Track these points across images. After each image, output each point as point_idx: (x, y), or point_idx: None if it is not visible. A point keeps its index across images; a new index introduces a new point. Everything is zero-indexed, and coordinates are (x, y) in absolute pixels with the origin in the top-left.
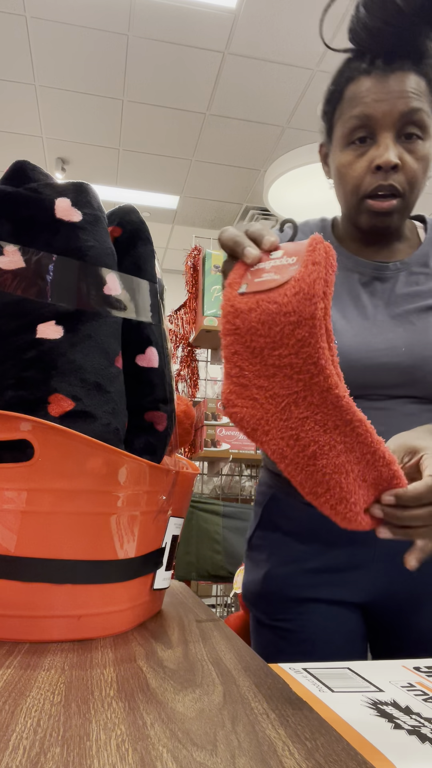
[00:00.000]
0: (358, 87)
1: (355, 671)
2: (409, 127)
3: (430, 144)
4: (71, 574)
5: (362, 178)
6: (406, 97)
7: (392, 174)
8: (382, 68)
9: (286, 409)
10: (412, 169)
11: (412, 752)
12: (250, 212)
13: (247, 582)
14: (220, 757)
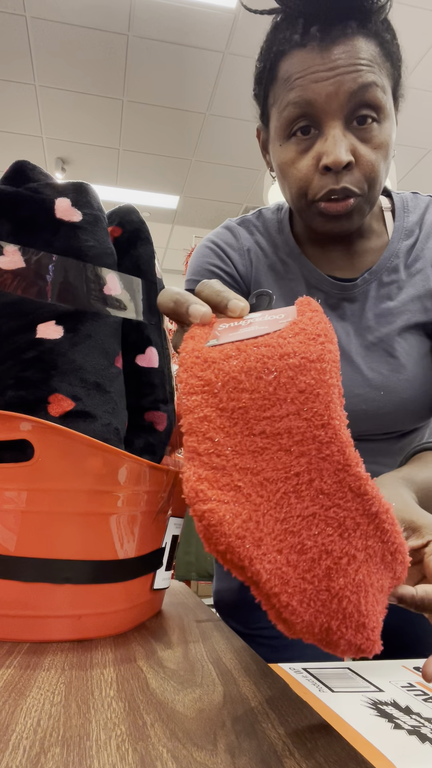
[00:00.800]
0: (291, 64)
1: (355, 671)
2: (361, 110)
3: (389, 125)
4: (71, 574)
5: (309, 180)
6: (353, 71)
7: (345, 174)
8: (319, 37)
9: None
10: (368, 162)
11: (412, 752)
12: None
13: (219, 590)
14: (220, 757)
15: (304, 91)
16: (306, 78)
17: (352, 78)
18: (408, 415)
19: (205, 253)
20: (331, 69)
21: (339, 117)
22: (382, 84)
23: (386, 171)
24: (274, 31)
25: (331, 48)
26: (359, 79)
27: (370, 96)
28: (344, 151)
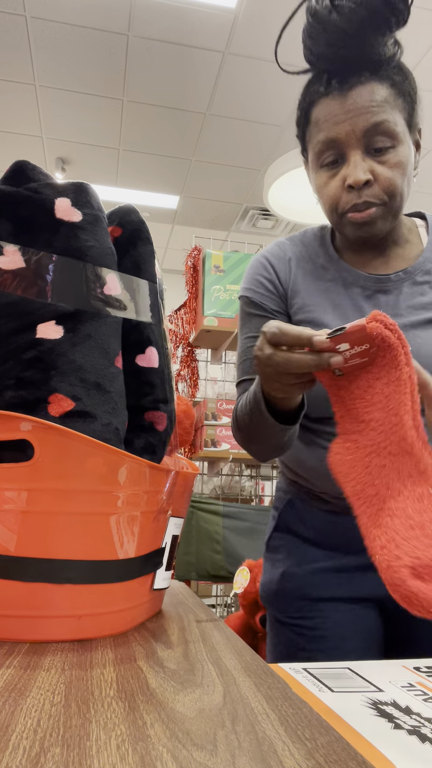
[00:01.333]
0: (320, 110)
1: (355, 671)
2: (376, 141)
3: (404, 148)
4: (71, 574)
5: (338, 197)
6: (366, 112)
7: (365, 189)
8: (339, 87)
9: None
10: (386, 179)
11: (412, 752)
12: (250, 212)
13: (264, 582)
14: (220, 757)
15: (329, 132)
16: (329, 121)
17: (365, 118)
18: None
19: (257, 267)
20: (348, 111)
21: (358, 147)
22: (393, 119)
23: (407, 186)
24: (308, 85)
25: (348, 94)
26: (371, 118)
27: (383, 129)
28: (362, 172)
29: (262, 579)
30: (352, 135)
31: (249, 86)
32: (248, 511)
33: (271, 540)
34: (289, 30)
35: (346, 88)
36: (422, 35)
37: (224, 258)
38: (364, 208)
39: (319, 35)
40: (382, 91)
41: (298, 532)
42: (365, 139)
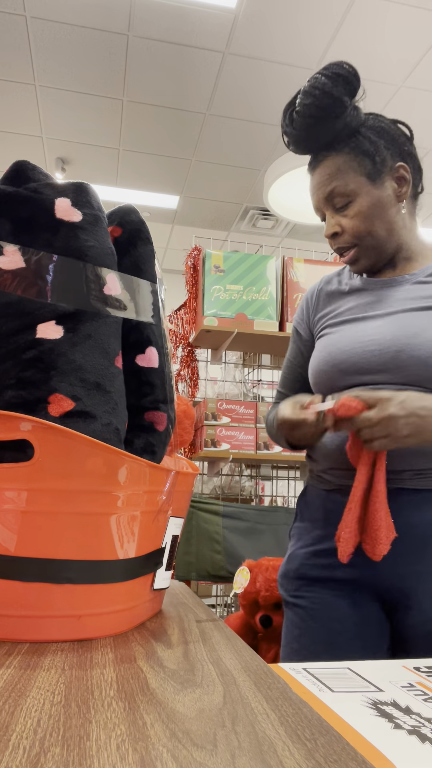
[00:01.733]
0: (309, 186)
1: (355, 671)
2: (335, 202)
3: (363, 197)
4: (71, 574)
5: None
6: (324, 184)
7: (338, 238)
8: (313, 165)
9: None
10: (350, 227)
11: (412, 752)
12: (250, 212)
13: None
14: (220, 757)
15: (312, 203)
16: (311, 194)
17: (323, 190)
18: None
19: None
20: (314, 186)
21: (328, 208)
22: (345, 181)
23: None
24: None
25: (314, 173)
26: (326, 188)
27: (338, 192)
28: (329, 228)
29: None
30: (321, 202)
31: (249, 86)
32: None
33: (291, 530)
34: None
35: (313, 169)
36: (422, 35)
37: (224, 258)
38: (343, 252)
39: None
40: (338, 161)
41: (305, 515)
42: (329, 203)
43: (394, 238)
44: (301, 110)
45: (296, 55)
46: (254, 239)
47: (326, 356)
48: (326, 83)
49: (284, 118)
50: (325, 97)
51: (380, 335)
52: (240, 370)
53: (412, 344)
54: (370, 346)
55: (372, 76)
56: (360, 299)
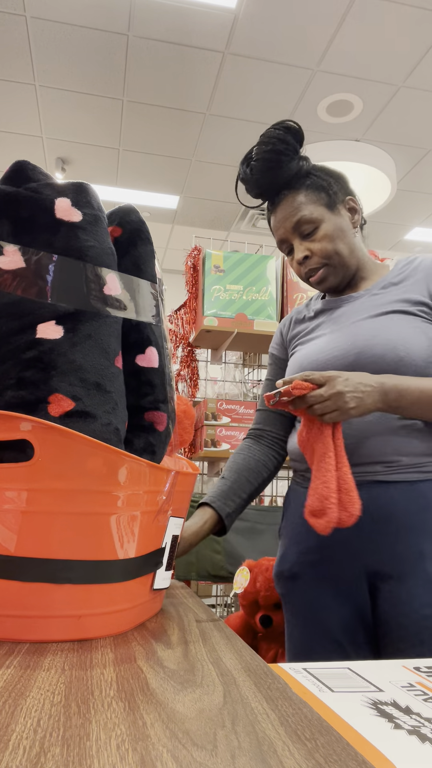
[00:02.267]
0: (271, 223)
1: (355, 671)
2: (303, 229)
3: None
4: (71, 574)
5: (299, 271)
6: (289, 217)
7: (307, 261)
8: (272, 207)
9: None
10: (318, 249)
11: (412, 752)
12: (251, 212)
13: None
14: (220, 757)
15: (277, 235)
16: (275, 229)
17: (289, 221)
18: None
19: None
20: (279, 220)
21: (295, 238)
22: (309, 211)
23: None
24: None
25: (277, 210)
26: (293, 218)
27: (303, 221)
28: (300, 252)
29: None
30: (288, 232)
31: (249, 86)
32: (248, 511)
33: (280, 529)
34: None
35: (275, 206)
36: (422, 35)
37: (224, 258)
38: (313, 273)
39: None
40: (298, 197)
41: (292, 513)
42: (296, 231)
43: (355, 257)
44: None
45: (296, 55)
46: (254, 239)
47: (297, 367)
48: (279, 133)
49: (242, 170)
50: (279, 143)
51: (342, 342)
52: (240, 370)
53: (370, 344)
54: (334, 352)
55: (372, 76)
56: (323, 317)
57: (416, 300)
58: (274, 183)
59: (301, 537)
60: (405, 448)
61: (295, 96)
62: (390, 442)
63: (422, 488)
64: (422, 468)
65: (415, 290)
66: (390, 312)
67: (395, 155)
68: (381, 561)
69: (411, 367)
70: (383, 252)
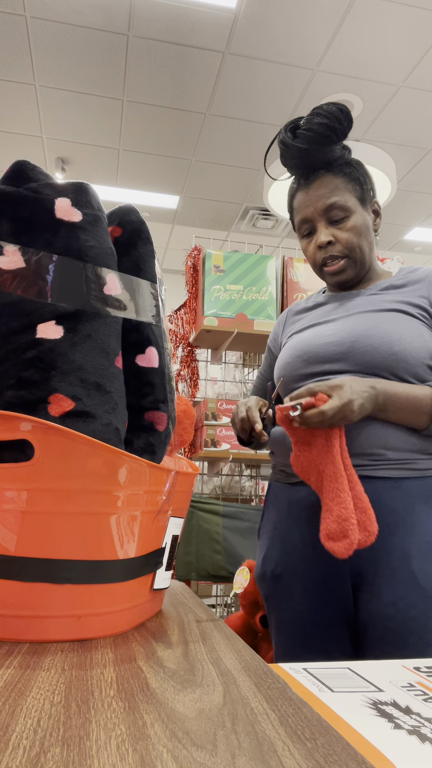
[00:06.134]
0: (296, 200)
1: (355, 671)
2: (332, 214)
3: (357, 216)
4: (71, 574)
5: (315, 255)
6: (322, 198)
7: (330, 248)
8: (305, 183)
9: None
10: (344, 238)
11: (412, 752)
12: (250, 212)
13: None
14: (220, 757)
15: (302, 213)
16: (301, 206)
17: (322, 202)
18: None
19: (273, 329)
20: (311, 198)
21: (322, 220)
22: (344, 198)
23: (366, 243)
24: (290, 185)
25: (310, 187)
26: (326, 200)
27: (336, 206)
28: (324, 236)
29: None
30: (316, 213)
31: (249, 86)
32: (248, 511)
33: (260, 529)
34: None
35: (309, 183)
36: (422, 35)
37: (224, 258)
38: (332, 261)
39: (288, 155)
40: (335, 181)
41: (273, 511)
42: (325, 215)
43: (369, 258)
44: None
45: (296, 55)
46: (254, 239)
47: (291, 350)
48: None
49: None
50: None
51: (339, 330)
52: (240, 370)
53: (366, 335)
54: (330, 339)
55: (372, 76)
56: (322, 309)
57: (416, 304)
58: (317, 158)
59: (284, 536)
60: (390, 441)
61: (295, 96)
62: (375, 435)
63: (408, 486)
64: (408, 465)
65: (416, 295)
66: (390, 310)
67: (395, 155)
68: (365, 561)
69: (402, 363)
70: (383, 252)
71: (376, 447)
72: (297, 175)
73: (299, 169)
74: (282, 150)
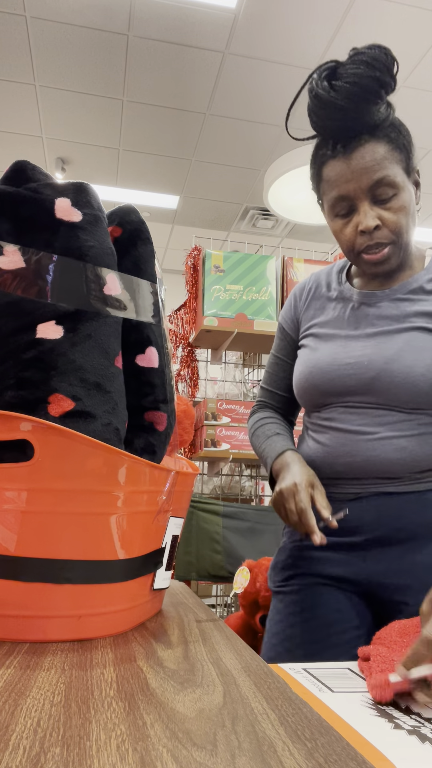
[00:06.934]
0: (329, 170)
1: (355, 672)
2: (380, 193)
3: (405, 193)
4: (71, 574)
5: (353, 240)
6: (369, 171)
7: (376, 233)
8: (343, 151)
9: None
10: (392, 222)
11: (412, 752)
12: (250, 212)
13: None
14: (220, 757)
15: (339, 189)
16: (339, 180)
17: (368, 176)
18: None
19: (289, 297)
20: (354, 171)
21: (365, 199)
22: (393, 172)
23: (412, 223)
24: (317, 147)
25: (352, 156)
26: (374, 175)
27: (385, 182)
28: (371, 219)
29: None
30: (359, 190)
31: (249, 86)
32: (248, 511)
33: (284, 527)
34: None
35: (349, 151)
36: (422, 35)
37: (224, 258)
38: (377, 249)
39: (322, 112)
40: (381, 149)
41: None
42: (370, 193)
43: (411, 243)
44: (357, 81)
45: (296, 55)
46: (254, 239)
47: (307, 376)
48: (385, 59)
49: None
50: (385, 72)
51: (357, 359)
52: (240, 370)
53: (388, 370)
54: (348, 371)
55: None
56: (342, 308)
57: None
58: (360, 120)
59: None
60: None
61: None
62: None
63: None
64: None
65: None
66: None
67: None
68: (388, 572)
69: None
70: None
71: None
72: (331, 139)
73: (336, 132)
74: (314, 106)
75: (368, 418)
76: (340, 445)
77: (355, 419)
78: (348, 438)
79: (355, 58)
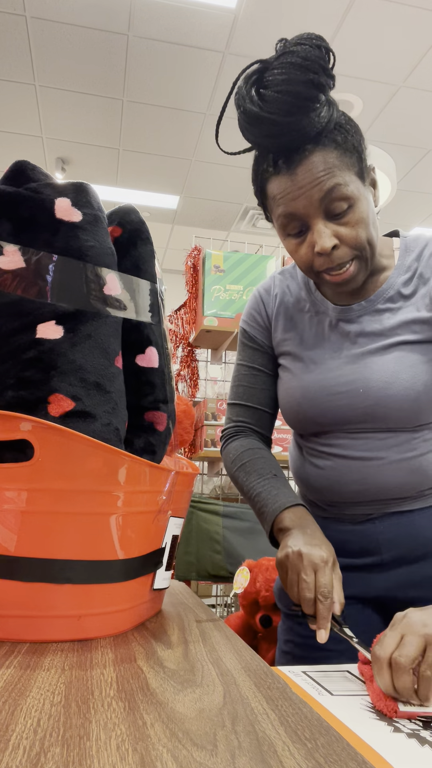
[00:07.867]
0: (273, 187)
1: (355, 675)
2: (334, 207)
3: (362, 202)
4: (71, 574)
5: (311, 260)
6: (318, 183)
7: (335, 252)
8: (286, 167)
9: None
10: (352, 238)
11: (412, 755)
12: (250, 212)
13: (276, 581)
14: (220, 757)
15: (286, 207)
16: (284, 198)
17: (318, 189)
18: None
19: (252, 301)
20: (300, 187)
21: (318, 216)
22: (344, 180)
23: (375, 231)
24: (256, 162)
25: (296, 171)
26: (324, 187)
27: (336, 195)
28: (327, 239)
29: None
30: (310, 207)
31: None
32: (248, 511)
33: None
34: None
35: (293, 165)
36: (422, 35)
37: (224, 258)
38: (339, 269)
39: (255, 129)
40: (329, 157)
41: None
42: (323, 207)
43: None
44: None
45: None
46: (254, 239)
47: (297, 408)
48: (314, 53)
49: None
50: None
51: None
52: None
53: (389, 395)
54: (342, 400)
55: (372, 76)
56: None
57: (424, 319)
58: (300, 132)
59: None
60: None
61: None
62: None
63: None
64: None
65: (423, 304)
66: (401, 344)
67: (395, 155)
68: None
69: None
70: None
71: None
72: (270, 154)
73: (275, 149)
74: (244, 122)
75: (373, 442)
76: (347, 472)
77: (359, 444)
78: (355, 465)
79: (283, 60)
